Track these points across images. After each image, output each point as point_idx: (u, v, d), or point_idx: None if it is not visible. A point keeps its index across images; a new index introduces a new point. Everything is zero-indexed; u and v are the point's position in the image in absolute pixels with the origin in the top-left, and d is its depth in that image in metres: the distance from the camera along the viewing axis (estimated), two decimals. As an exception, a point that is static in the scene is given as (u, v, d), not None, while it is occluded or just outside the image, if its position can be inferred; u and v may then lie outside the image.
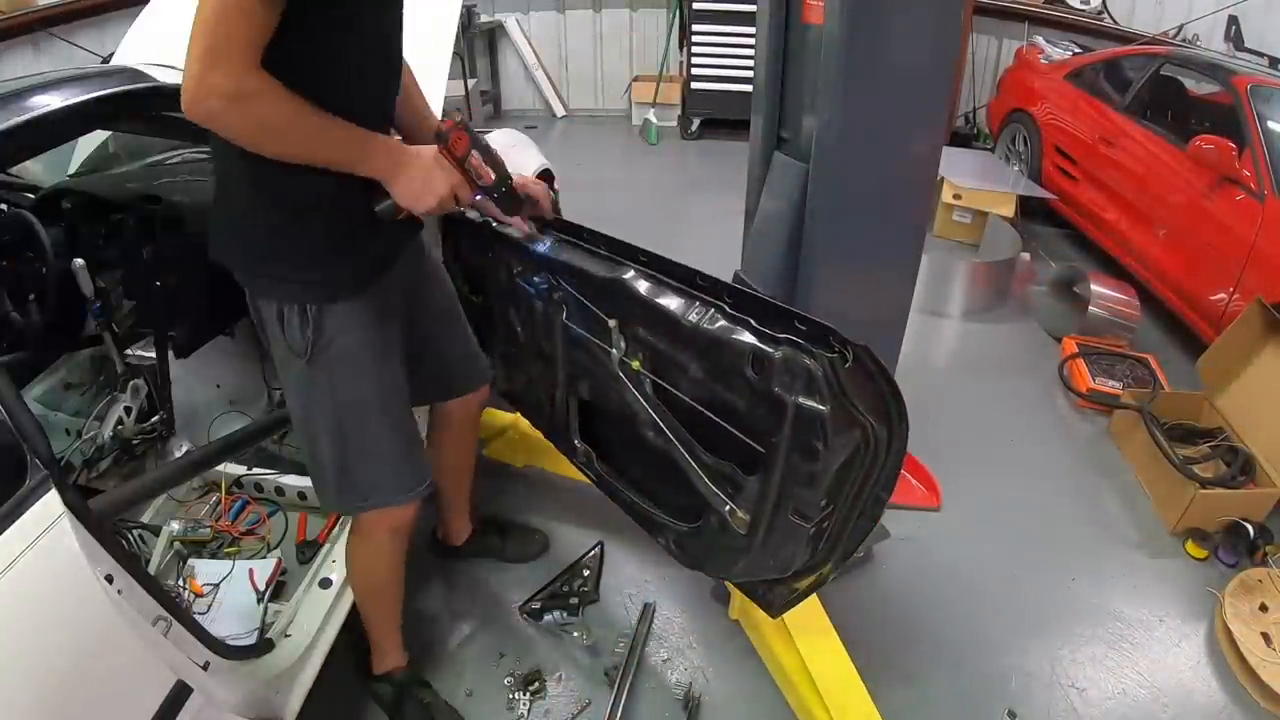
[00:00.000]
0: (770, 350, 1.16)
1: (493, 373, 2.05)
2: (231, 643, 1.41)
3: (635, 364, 1.43)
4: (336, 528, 1.87)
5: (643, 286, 1.36)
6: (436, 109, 2.24)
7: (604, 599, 2.02)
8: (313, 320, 1.26)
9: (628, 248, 1.41)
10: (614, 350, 1.45)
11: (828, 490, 1.22)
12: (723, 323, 1.23)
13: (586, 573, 2.05)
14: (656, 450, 1.47)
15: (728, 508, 1.35)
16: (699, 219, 4.54)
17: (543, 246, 1.56)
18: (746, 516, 1.33)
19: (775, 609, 1.52)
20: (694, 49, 5.84)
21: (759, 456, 1.26)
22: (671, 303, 1.31)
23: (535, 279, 1.61)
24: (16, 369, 1.94)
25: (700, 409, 1.35)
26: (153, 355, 2.10)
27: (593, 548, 2.15)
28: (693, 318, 1.26)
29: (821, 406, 1.12)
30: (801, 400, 1.14)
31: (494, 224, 1.72)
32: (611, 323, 1.44)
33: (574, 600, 1.96)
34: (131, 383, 2.04)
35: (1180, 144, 3.36)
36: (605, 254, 1.45)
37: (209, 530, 1.88)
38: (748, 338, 1.19)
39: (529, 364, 1.85)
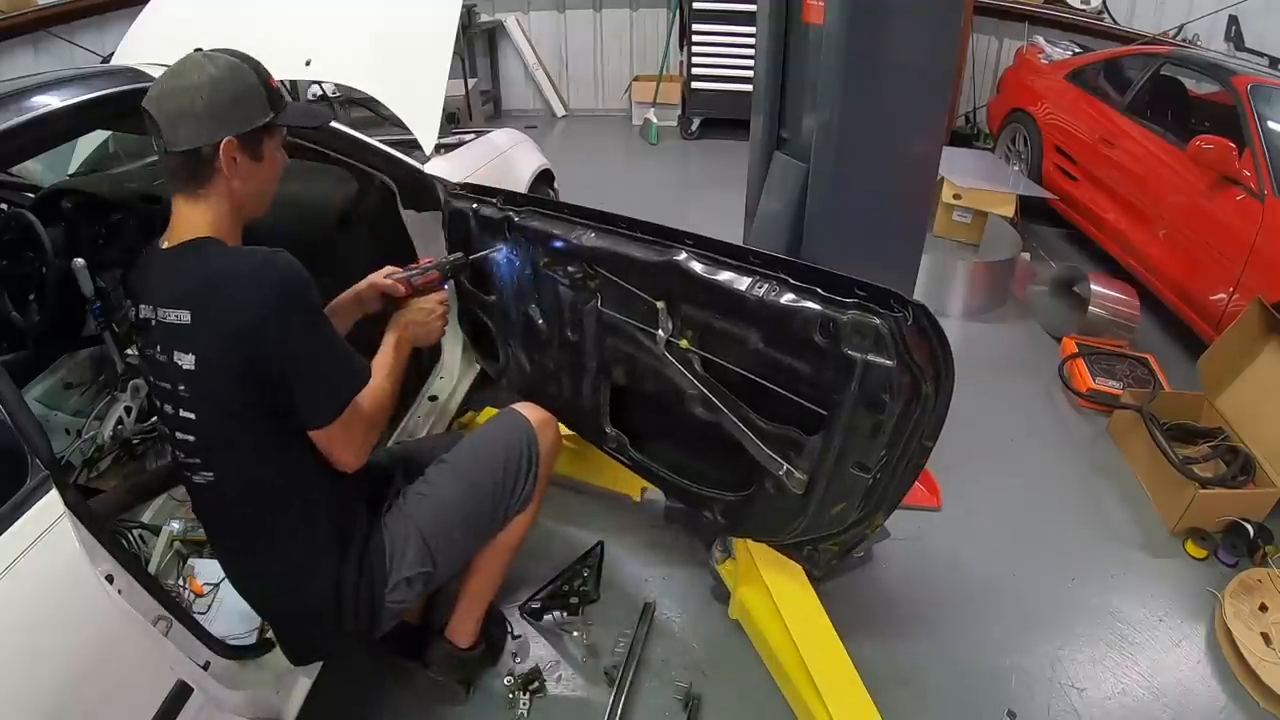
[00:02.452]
0: (839, 315, 1.24)
1: (504, 369, 2.06)
2: (232, 642, 1.41)
3: (684, 343, 1.48)
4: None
5: (698, 266, 1.41)
6: (437, 108, 2.25)
7: (604, 599, 2.02)
8: None
9: (672, 231, 1.47)
10: (660, 331, 1.50)
11: (888, 441, 1.31)
12: (789, 294, 1.30)
13: (586, 573, 2.04)
14: (703, 425, 1.52)
15: (784, 469, 1.41)
16: (699, 219, 4.51)
17: (582, 236, 1.60)
18: (804, 476, 1.40)
19: (821, 566, 1.61)
20: (694, 49, 5.84)
21: (819, 416, 1.33)
22: (733, 279, 1.37)
23: (569, 268, 1.63)
24: (16, 369, 1.94)
25: (755, 379, 1.42)
26: (153, 355, 2.11)
27: (593, 547, 2.14)
28: (758, 291, 1.33)
29: (889, 362, 1.22)
30: (871, 357, 1.23)
31: (514, 219, 1.74)
32: (660, 304, 1.48)
33: (574, 600, 1.95)
34: (131, 383, 2.04)
35: (1180, 144, 3.36)
36: (652, 239, 1.50)
37: (209, 530, 1.87)
38: (815, 305, 1.27)
39: (551, 355, 1.86)
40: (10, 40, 4.32)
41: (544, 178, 3.17)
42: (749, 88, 2.04)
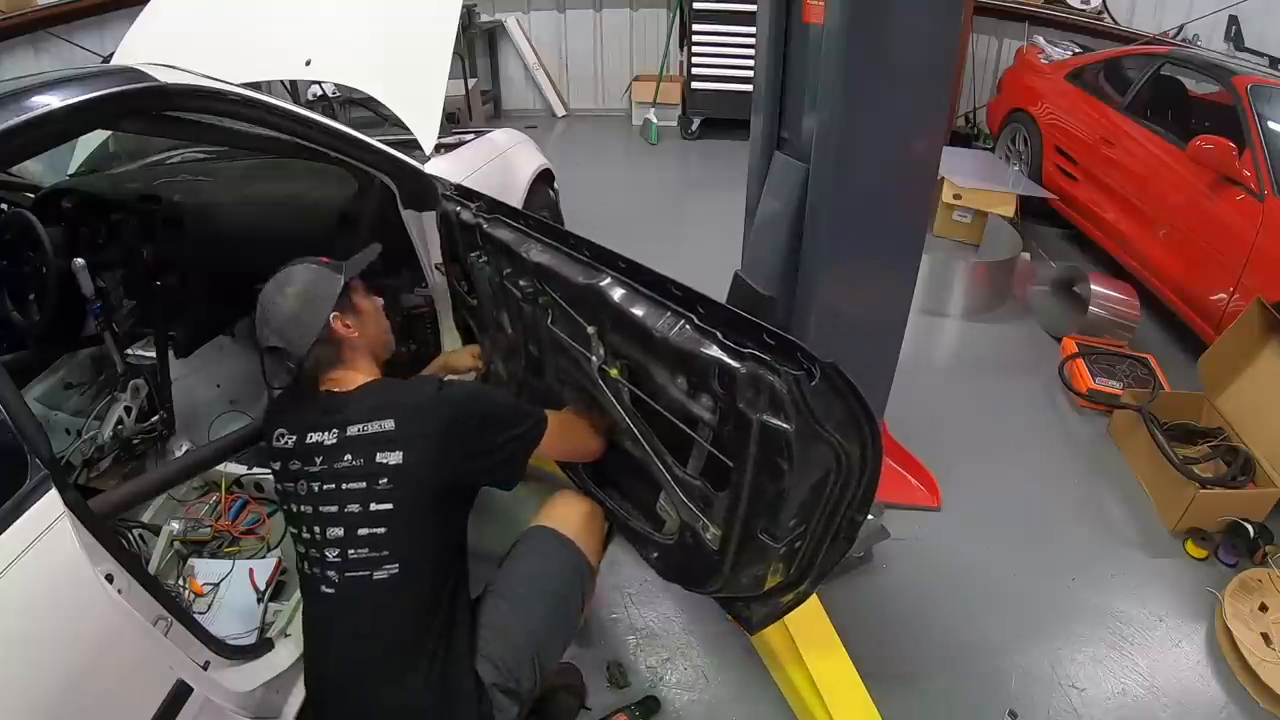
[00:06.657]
0: (735, 365, 1.12)
1: (485, 371, 2.05)
2: (231, 642, 1.41)
3: (614, 372, 1.40)
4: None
5: (617, 294, 1.32)
6: (437, 108, 2.25)
7: (603, 598, 2.02)
8: None
9: (608, 254, 1.37)
10: (594, 357, 1.42)
11: (798, 511, 1.19)
12: (691, 334, 1.19)
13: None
14: (637, 460, 1.44)
15: (700, 523, 1.32)
16: (699, 219, 4.54)
17: (530, 250, 1.54)
18: (719, 532, 1.30)
19: (754, 626, 1.48)
20: (694, 49, 5.83)
21: (728, 473, 1.23)
22: (643, 311, 1.27)
23: (521, 282, 1.61)
24: (16, 369, 1.94)
25: (675, 421, 1.32)
26: (153, 355, 2.11)
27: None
28: (662, 327, 1.23)
29: (786, 425, 1.08)
30: (766, 418, 1.10)
31: (484, 226, 1.72)
32: (590, 329, 1.40)
33: None
34: (131, 383, 2.05)
35: (1180, 144, 3.36)
36: (585, 259, 1.41)
37: (209, 530, 1.87)
38: (714, 351, 1.15)
39: (520, 365, 1.85)
40: (10, 40, 4.32)
41: (544, 178, 3.17)
42: (749, 88, 2.03)
